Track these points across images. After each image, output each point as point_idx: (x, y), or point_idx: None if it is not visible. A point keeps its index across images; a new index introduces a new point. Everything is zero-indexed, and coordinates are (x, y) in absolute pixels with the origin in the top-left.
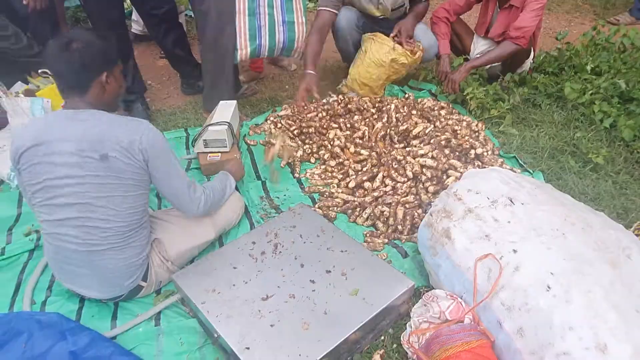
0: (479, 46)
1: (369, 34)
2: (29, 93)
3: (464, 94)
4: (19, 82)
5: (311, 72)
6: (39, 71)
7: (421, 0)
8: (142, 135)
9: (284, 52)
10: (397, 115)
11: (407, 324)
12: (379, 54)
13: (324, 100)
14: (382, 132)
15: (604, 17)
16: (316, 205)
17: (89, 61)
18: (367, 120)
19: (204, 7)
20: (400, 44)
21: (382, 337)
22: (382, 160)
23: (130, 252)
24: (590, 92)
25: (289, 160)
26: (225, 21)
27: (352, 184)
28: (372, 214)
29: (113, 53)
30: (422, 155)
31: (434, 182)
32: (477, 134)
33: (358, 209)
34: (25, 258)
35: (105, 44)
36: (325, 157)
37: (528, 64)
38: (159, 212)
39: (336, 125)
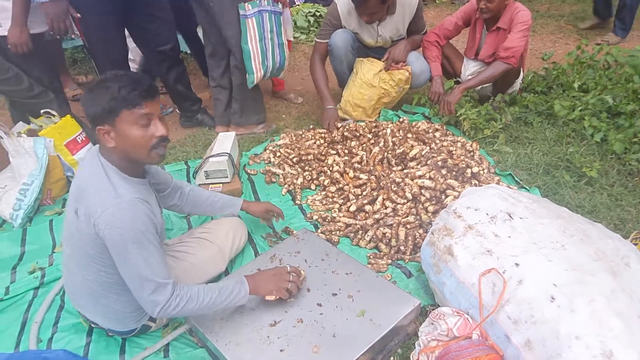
0: (469, 68)
1: (362, 58)
2: (32, 133)
3: (457, 115)
4: (20, 122)
5: (332, 107)
6: (42, 111)
7: (419, 31)
8: (103, 213)
9: (275, 72)
10: (393, 139)
11: (416, 343)
12: (369, 74)
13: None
14: (380, 156)
15: (587, 37)
16: (319, 230)
17: (86, 109)
18: (364, 145)
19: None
20: (388, 69)
21: (392, 358)
22: (381, 184)
23: (135, 301)
24: (580, 108)
25: (290, 189)
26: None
27: (353, 208)
28: (374, 236)
29: (102, 107)
30: (419, 177)
31: (433, 202)
32: (472, 153)
33: (360, 232)
34: (30, 296)
35: (97, 94)
36: (325, 183)
37: (517, 84)
38: (172, 249)
39: (334, 152)
